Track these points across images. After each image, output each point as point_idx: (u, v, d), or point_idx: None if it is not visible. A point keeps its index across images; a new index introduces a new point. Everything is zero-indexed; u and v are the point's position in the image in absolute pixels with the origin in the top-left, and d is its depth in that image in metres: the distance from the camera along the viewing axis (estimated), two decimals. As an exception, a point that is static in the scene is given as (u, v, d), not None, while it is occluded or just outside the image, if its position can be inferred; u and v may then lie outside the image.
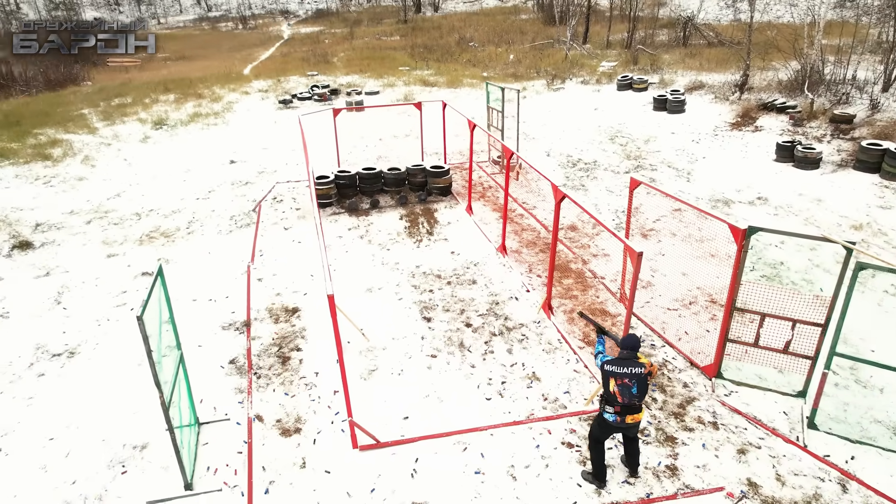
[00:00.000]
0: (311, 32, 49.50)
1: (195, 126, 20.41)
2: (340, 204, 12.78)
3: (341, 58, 33.18)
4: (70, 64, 31.76)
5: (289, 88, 25.24)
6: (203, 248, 11.20)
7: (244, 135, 19.08)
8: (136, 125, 20.61)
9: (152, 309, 5.22)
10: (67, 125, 20.31)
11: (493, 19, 48.07)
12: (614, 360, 5.29)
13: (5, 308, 9.46)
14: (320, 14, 64.63)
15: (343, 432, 6.53)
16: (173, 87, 25.94)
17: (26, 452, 6.52)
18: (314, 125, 13.90)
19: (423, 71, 28.22)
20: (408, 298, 9.17)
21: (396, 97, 23.17)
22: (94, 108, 22.81)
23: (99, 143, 18.68)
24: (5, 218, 12.93)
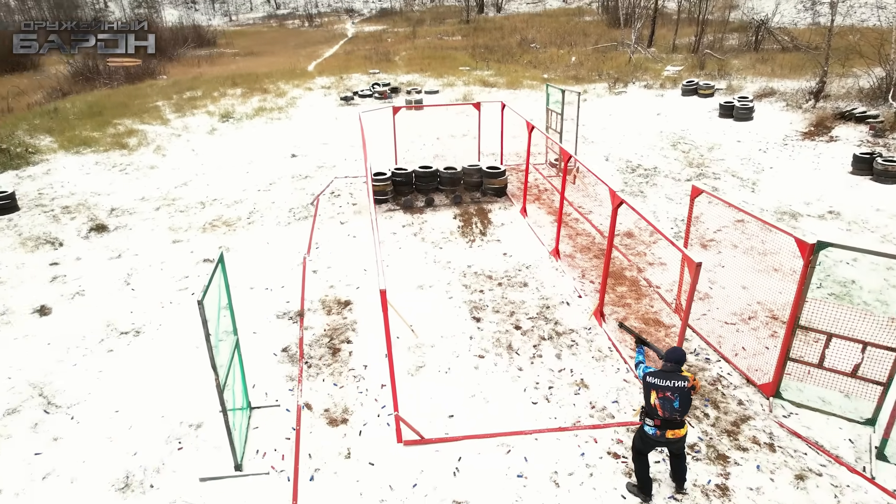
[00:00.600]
0: (375, 31, 50.30)
1: (259, 120, 21.09)
2: (396, 201, 12.95)
3: (403, 57, 33.56)
4: (149, 58, 33.36)
5: (350, 86, 25.73)
6: (262, 239, 11.57)
7: (306, 130, 19.57)
8: (204, 117, 21.47)
9: (212, 294, 5.43)
10: (143, 116, 21.38)
11: (555, 21, 47.57)
12: (657, 371, 5.17)
13: (81, 286, 10.05)
14: (384, 13, 65.56)
15: (388, 426, 6.62)
16: (241, 82, 26.87)
17: (95, 422, 6.91)
18: (374, 122, 14.13)
19: (483, 71, 28.22)
20: (458, 297, 9.21)
21: (455, 97, 23.27)
22: (168, 101, 23.90)
23: (170, 133, 19.57)
24: (85, 202, 13.75)
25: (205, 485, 5.97)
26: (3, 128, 19.69)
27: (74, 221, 12.71)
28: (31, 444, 6.62)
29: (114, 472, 6.17)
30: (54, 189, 14.66)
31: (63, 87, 28.17)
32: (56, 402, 7.28)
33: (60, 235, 12.04)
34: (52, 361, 8.07)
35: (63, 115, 21.47)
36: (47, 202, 13.81)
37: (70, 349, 8.34)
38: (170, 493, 5.90)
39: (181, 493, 5.89)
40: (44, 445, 6.59)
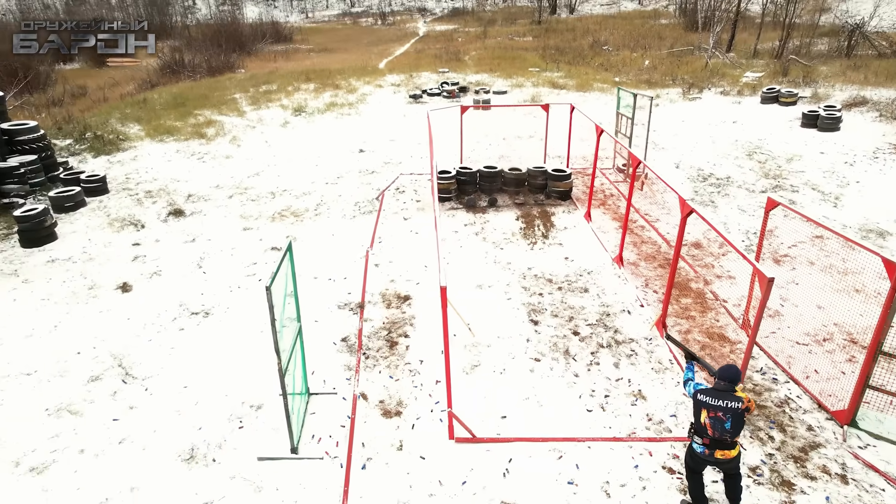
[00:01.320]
0: (446, 30, 50.64)
1: (330, 115, 21.66)
2: (459, 200, 13.02)
3: (473, 56, 33.64)
4: (229, 53, 34.92)
5: (420, 84, 26.03)
6: (328, 230, 11.90)
7: (374, 126, 19.96)
8: (278, 111, 22.25)
9: (279, 282, 5.65)
10: (221, 108, 22.38)
11: (630, 23, 46.45)
12: (709, 389, 5.01)
13: (159, 267, 10.64)
14: (456, 12, 65.89)
15: (441, 422, 6.68)
16: (314, 77, 27.67)
17: (166, 395, 7.32)
18: (441, 121, 14.25)
19: (553, 73, 27.92)
20: (517, 299, 9.18)
21: (524, 98, 23.14)
22: (245, 94, 24.90)
23: (245, 125, 20.40)
24: (165, 187, 14.55)
25: (262, 464, 6.21)
26: (98, 116, 21.10)
27: (155, 205, 13.47)
28: (110, 410, 7.09)
29: (180, 444, 6.52)
30: (139, 174, 15.59)
31: (152, 79, 29.88)
32: (133, 373, 7.76)
33: (143, 218, 12.80)
34: (130, 335, 8.60)
35: (150, 106, 22.77)
36: (133, 186, 14.70)
37: (146, 325, 8.86)
38: (230, 468, 6.18)
39: (240, 469, 6.16)
40: (121, 413, 7.05)
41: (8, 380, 7.70)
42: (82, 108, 23.38)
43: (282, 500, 5.78)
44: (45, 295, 9.77)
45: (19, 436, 6.73)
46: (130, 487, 6.00)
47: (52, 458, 6.42)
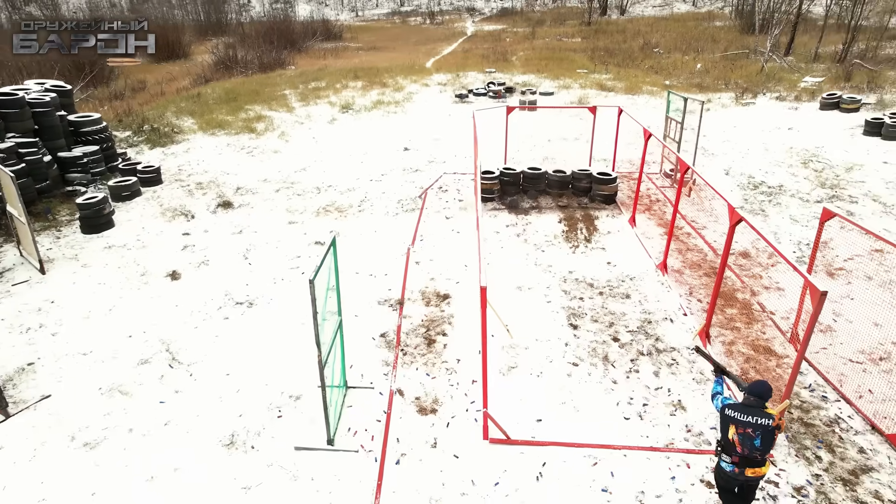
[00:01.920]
0: (494, 30, 50.52)
1: (377, 112, 21.91)
2: (502, 200, 12.99)
3: (520, 57, 33.48)
4: (280, 49, 35.72)
5: (466, 83, 26.06)
6: (370, 227, 12.06)
7: (419, 125, 20.09)
8: (326, 107, 22.64)
9: (322, 275, 5.75)
10: (271, 103, 22.91)
11: (682, 25, 45.37)
12: (737, 404, 4.80)
13: (207, 256, 10.99)
14: (504, 12, 65.66)
15: (476, 422, 6.69)
16: (362, 75, 28.04)
17: (209, 381, 7.56)
18: (486, 121, 14.23)
19: (602, 75, 27.52)
20: (556, 302, 9.10)
21: (570, 100, 22.91)
22: (294, 90, 25.43)
23: (294, 121, 20.83)
24: (215, 179, 15.00)
25: (299, 453, 6.35)
26: (155, 109, 21.91)
27: (205, 197, 13.91)
28: (157, 393, 7.37)
29: (222, 430, 6.73)
30: (191, 166, 16.11)
31: (206, 75, 30.83)
32: (179, 358, 8.04)
33: (193, 209, 13.22)
34: (178, 322, 8.91)
35: (204, 100, 23.50)
36: (185, 178, 15.21)
37: (193, 312, 9.16)
38: (267, 456, 6.34)
39: (277, 457, 6.31)
40: (167, 396, 7.31)
41: (67, 358, 8.09)
42: (141, 102, 24.31)
43: (317, 490, 5.90)
44: (102, 279, 10.21)
45: (75, 412, 7.07)
46: (174, 468, 6.22)
47: (103, 434, 6.71)
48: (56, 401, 7.30)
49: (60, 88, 15.70)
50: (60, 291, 9.84)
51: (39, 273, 10.39)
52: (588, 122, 14.67)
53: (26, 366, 7.96)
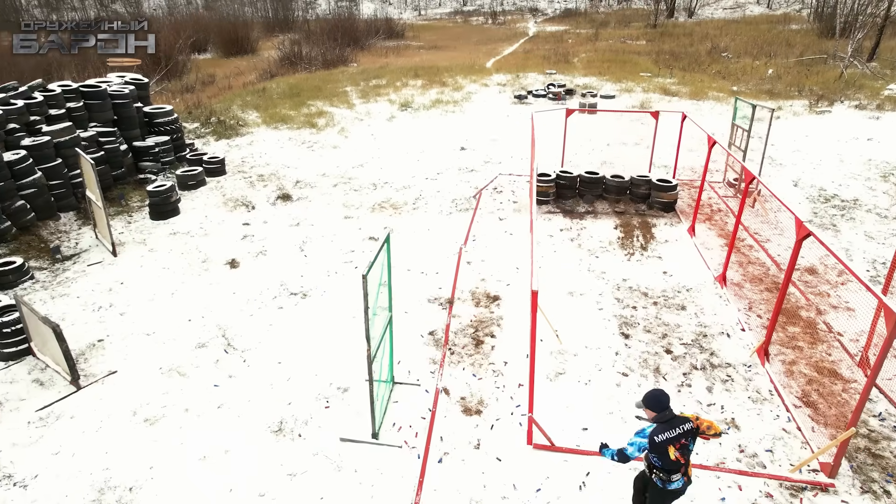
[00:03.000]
0: (556, 31, 49.94)
1: (435, 111, 22.04)
2: (557, 204, 12.84)
3: (581, 58, 32.97)
4: (343, 47, 36.45)
5: (525, 84, 25.88)
6: (424, 225, 12.15)
7: (477, 124, 20.08)
8: (385, 105, 22.94)
9: (375, 271, 5.84)
10: (332, 100, 23.39)
11: (755, 28, 43.56)
12: (659, 427, 4.52)
13: (264, 247, 11.33)
14: (568, 13, 64.84)
15: (521, 426, 6.65)
16: (422, 74, 28.25)
17: (261, 368, 7.80)
18: (544, 123, 14.09)
19: (666, 79, 26.78)
20: (608, 310, 8.93)
21: (632, 104, 22.40)
22: (355, 87, 25.88)
23: (354, 117, 21.20)
24: (276, 172, 15.45)
25: (344, 444, 6.47)
26: (223, 103, 22.76)
27: (266, 189, 14.34)
28: (212, 376, 7.67)
29: (271, 416, 6.93)
30: (254, 158, 16.65)
31: (272, 70, 31.79)
32: (234, 344, 8.33)
33: (254, 200, 13.66)
34: (234, 309, 9.23)
35: (268, 95, 24.23)
36: (247, 169, 15.73)
37: (249, 300, 9.47)
38: (314, 445, 6.49)
39: (323, 447, 6.45)
40: (221, 380, 7.59)
41: (132, 338, 8.52)
42: (210, 95, 25.31)
43: (359, 482, 6.00)
44: (166, 264, 10.69)
45: (137, 388, 7.44)
46: (225, 450, 6.45)
47: (161, 412, 7.03)
48: (121, 377, 7.70)
49: (138, 81, 16.52)
50: (129, 274, 10.36)
51: (112, 255, 10.97)
52: (649, 127, 14.32)
53: (97, 342, 8.43)
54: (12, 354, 8.01)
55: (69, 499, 5.90)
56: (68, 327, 8.44)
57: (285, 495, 5.87)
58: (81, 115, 14.01)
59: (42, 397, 7.34)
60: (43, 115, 13.34)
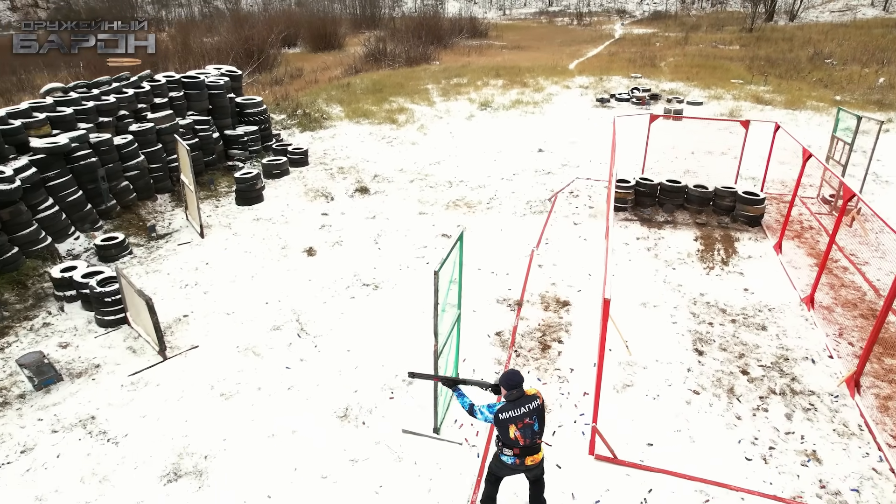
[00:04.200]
0: (643, 34, 48.45)
1: (515, 112, 21.94)
2: (635, 211, 12.49)
3: (669, 63, 31.85)
4: (427, 45, 36.93)
5: (608, 88, 25.30)
6: (497, 225, 12.13)
7: (556, 127, 19.83)
8: (465, 103, 23.04)
9: (447, 268, 5.89)
10: (414, 97, 23.74)
11: (866, 33, 40.49)
12: (505, 405, 4.81)
13: (341, 237, 11.68)
14: (657, 16, 62.75)
15: (583, 435, 6.53)
16: (503, 74, 28.18)
17: (331, 355, 8.06)
18: (626, 128, 13.74)
19: (759, 86, 25.43)
20: (683, 325, 8.61)
21: (721, 111, 21.42)
22: (437, 85, 26.15)
23: (433, 115, 21.43)
24: (355, 166, 15.87)
25: (405, 436, 6.57)
26: (309, 96, 23.60)
27: (345, 181, 14.76)
28: (284, 358, 7.99)
29: (338, 402, 7.14)
30: (335, 151, 17.17)
31: (357, 65, 32.66)
32: (307, 329, 8.64)
33: (333, 191, 14.10)
34: (309, 295, 9.57)
35: (352, 90, 24.91)
36: (328, 162, 16.25)
37: (323, 288, 9.79)
38: (376, 433, 6.63)
39: (385, 436, 6.58)
40: (293, 363, 7.90)
41: (214, 316, 9.02)
42: (297, 88, 26.30)
43: (418, 474, 6.08)
44: (248, 248, 11.23)
45: (215, 364, 7.87)
46: (292, 430, 6.71)
47: (236, 388, 7.41)
48: (202, 351, 8.16)
49: (233, 73, 17.42)
50: (214, 255, 10.96)
51: (199, 237, 11.64)
52: (738, 136, 13.65)
53: (182, 317, 8.98)
54: (111, 322, 8.68)
55: (153, 459, 6.33)
56: (158, 301, 9.01)
57: (346, 480, 6.04)
58: (181, 104, 14.94)
59: (134, 364, 7.91)
60: (148, 104, 14.32)
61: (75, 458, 6.37)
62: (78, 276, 9.00)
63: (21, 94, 21.47)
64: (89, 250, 10.84)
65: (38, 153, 10.86)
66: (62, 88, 13.93)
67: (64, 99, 12.87)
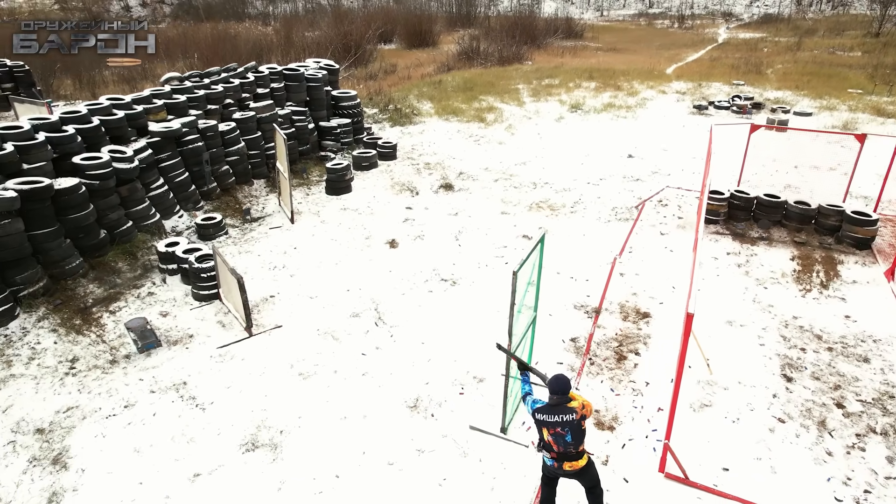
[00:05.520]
0: (750, 38, 45.82)
1: (606, 115, 21.42)
2: (727, 225, 11.89)
3: (777, 70, 29.96)
4: (520, 44, 36.75)
5: (707, 94, 24.17)
6: (580, 230, 11.92)
7: (649, 132, 19.18)
8: (555, 105, 22.75)
9: (526, 269, 5.88)
10: (504, 96, 23.70)
11: None
12: (544, 407, 4.91)
13: (423, 231, 11.88)
14: (767, 19, 59.15)
15: (654, 451, 6.33)
16: (597, 76, 27.56)
17: (405, 345, 8.24)
18: (724, 137, 13.10)
19: (882, 97, 23.40)
20: (771, 347, 8.12)
21: (832, 123, 19.90)
22: (527, 85, 25.97)
23: (522, 115, 21.31)
24: (441, 162, 16.08)
25: (472, 433, 6.63)
26: (401, 91, 24.13)
27: (431, 177, 14.99)
28: (361, 345, 8.25)
29: (408, 392, 7.30)
30: (423, 147, 17.46)
31: (449, 63, 32.99)
32: (384, 319, 8.87)
33: (418, 186, 14.36)
34: (388, 286, 9.82)
35: (443, 87, 25.20)
36: (416, 157, 16.55)
37: (403, 280, 10.01)
38: (444, 426, 6.73)
39: (452, 431, 6.66)
40: (369, 350, 8.15)
41: (298, 298, 9.46)
42: (390, 84, 26.94)
43: (482, 471, 6.12)
44: (335, 236, 11.66)
45: (296, 344, 8.26)
46: (363, 415, 6.93)
47: (314, 370, 7.74)
48: (285, 331, 8.58)
49: (330, 67, 18.10)
50: (302, 240, 11.47)
51: (290, 222, 12.22)
52: (852, 151, 12.65)
53: (268, 297, 9.48)
54: (205, 297, 9.30)
55: (234, 428, 6.74)
56: (248, 281, 9.54)
57: (411, 469, 6.17)
58: (281, 95, 15.72)
59: (222, 337, 8.44)
60: (252, 94, 15.17)
61: (168, 419, 6.90)
62: (180, 252, 9.69)
63: (143, 82, 23.30)
64: (190, 228, 11.65)
65: (155, 136, 11.79)
66: (178, 77, 15.03)
67: (179, 87, 13.89)
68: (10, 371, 7.64)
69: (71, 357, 7.94)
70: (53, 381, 7.51)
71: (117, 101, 12.17)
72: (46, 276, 9.05)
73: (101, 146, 10.78)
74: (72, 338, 8.31)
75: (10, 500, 5.87)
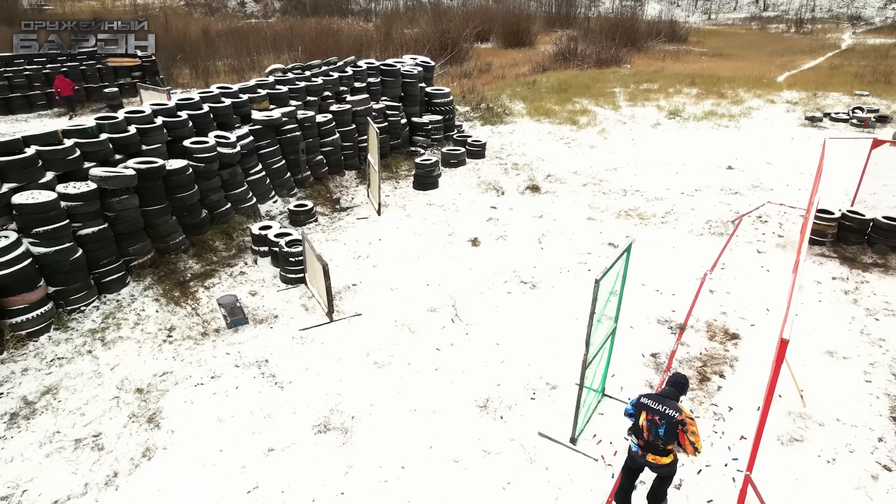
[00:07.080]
0: (880, 45, 41.97)
1: (706, 123, 20.39)
2: (835, 248, 10.99)
3: (908, 81, 27.28)
4: (619, 47, 35.71)
5: (823, 105, 22.41)
6: (670, 241, 11.43)
7: (752, 144, 18.06)
8: (652, 110, 21.91)
9: (609, 278, 5.70)
10: (598, 99, 23.11)
11: None
12: (654, 394, 5.22)
13: (506, 232, 11.83)
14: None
15: (733, 481, 5.97)
16: (699, 83, 26.25)
17: (480, 345, 8.24)
18: (839, 152, 12.11)
19: None
20: (880, 386, 7.42)
21: (971, 143, 17.91)
22: (624, 89, 25.16)
23: (617, 119, 20.69)
24: (529, 163, 15.92)
25: (540, 439, 6.53)
26: (494, 91, 24.10)
27: (518, 177, 14.88)
28: (436, 340, 8.34)
29: (479, 392, 7.29)
30: (512, 147, 17.36)
31: (545, 64, 32.58)
32: (460, 316, 8.91)
33: (504, 186, 14.29)
34: (467, 284, 9.85)
35: (537, 88, 24.92)
36: (504, 157, 16.48)
37: (482, 279, 10.01)
38: (512, 430, 6.67)
39: (520, 435, 6.59)
40: (443, 345, 8.21)
41: (378, 288, 9.69)
42: (484, 82, 26.97)
43: (548, 480, 6.01)
44: (418, 231, 11.84)
45: (373, 333, 8.47)
46: (433, 409, 7.00)
47: (389, 359, 7.90)
48: (364, 320, 8.82)
49: (426, 63, 18.37)
50: (387, 233, 11.73)
51: (376, 214, 12.53)
52: None
53: (351, 285, 9.77)
54: (292, 280, 9.73)
55: (308, 409, 7.01)
56: (333, 268, 9.89)
57: (477, 468, 6.16)
58: (377, 90, 16.13)
59: (305, 320, 8.80)
60: (349, 87, 15.67)
61: (249, 393, 7.28)
62: (271, 235, 10.19)
63: (251, 72, 24.71)
64: (283, 213, 12.21)
65: (257, 124, 12.46)
66: (282, 69, 15.79)
67: (282, 79, 14.59)
68: (119, 333, 8.35)
69: (169, 326, 8.56)
70: (153, 346, 8.12)
71: (226, 89, 12.97)
72: (154, 250, 9.82)
73: (208, 131, 11.53)
74: (171, 308, 8.95)
75: (111, 449, 6.42)
